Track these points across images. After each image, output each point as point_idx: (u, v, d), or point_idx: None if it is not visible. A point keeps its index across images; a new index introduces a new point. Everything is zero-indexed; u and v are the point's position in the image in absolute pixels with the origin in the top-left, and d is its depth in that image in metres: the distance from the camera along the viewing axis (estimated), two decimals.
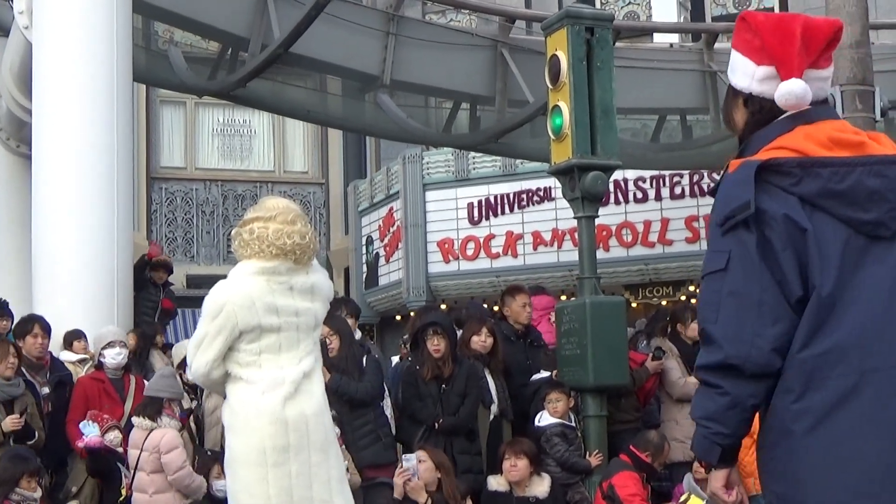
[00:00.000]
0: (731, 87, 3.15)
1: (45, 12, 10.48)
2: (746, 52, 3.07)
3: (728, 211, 2.80)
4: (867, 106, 10.68)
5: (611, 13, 12.46)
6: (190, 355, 5.25)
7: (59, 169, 10.30)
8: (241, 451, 5.14)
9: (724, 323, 2.76)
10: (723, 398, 2.77)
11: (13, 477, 7.27)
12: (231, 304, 5.08)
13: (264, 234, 5.19)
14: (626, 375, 9.25)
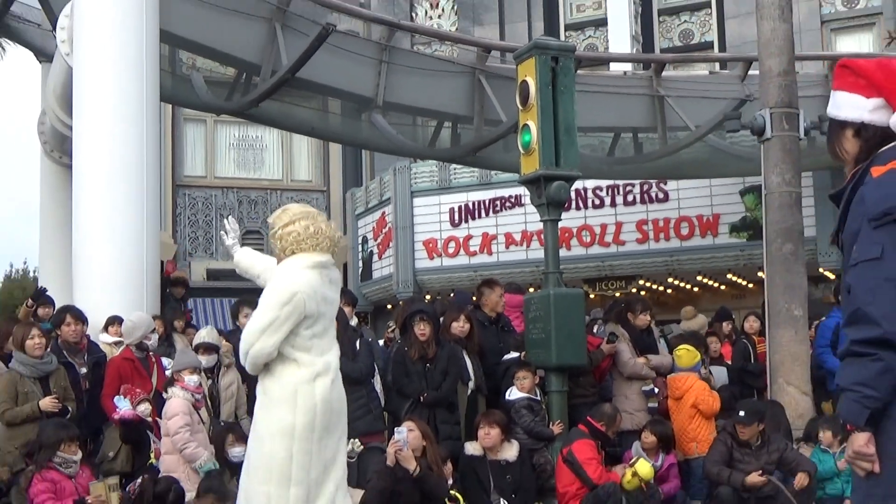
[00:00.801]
0: (839, 122, 3.13)
1: (84, 41, 10.47)
2: (854, 90, 3.06)
3: (884, 208, 2.80)
4: (793, 126, 10.73)
5: (573, 45, 12.47)
6: (253, 337, 5.10)
7: (95, 177, 10.30)
8: (290, 424, 5.08)
9: (882, 304, 2.74)
10: (877, 364, 2.73)
11: (56, 441, 7.27)
12: (301, 293, 5.09)
13: (319, 230, 5.29)
14: (584, 356, 9.33)
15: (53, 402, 7.92)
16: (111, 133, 10.29)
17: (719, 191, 16.84)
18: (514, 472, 8.25)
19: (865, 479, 2.85)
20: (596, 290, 17.58)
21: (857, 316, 2.80)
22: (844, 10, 19.61)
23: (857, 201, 2.93)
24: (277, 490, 5.01)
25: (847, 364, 2.84)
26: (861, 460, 2.81)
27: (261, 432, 5.19)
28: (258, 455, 5.16)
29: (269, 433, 5.12)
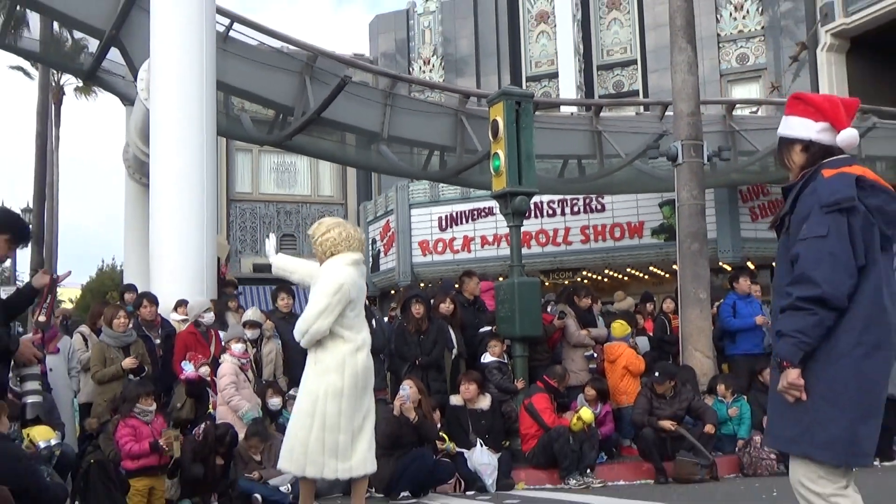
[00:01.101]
0: (790, 139, 3.17)
1: (158, 89, 10.44)
2: (805, 115, 3.13)
3: (834, 199, 2.87)
4: (699, 154, 10.76)
5: (532, 92, 12.52)
6: (312, 320, 5.23)
7: (167, 194, 10.27)
8: (333, 387, 5.22)
9: (824, 271, 2.81)
10: (813, 317, 2.80)
11: (136, 396, 7.24)
12: (345, 284, 5.24)
13: (349, 234, 5.44)
14: (540, 329, 9.33)
15: (133, 361, 7.97)
16: (179, 160, 10.26)
17: (643, 203, 16.87)
18: (487, 418, 8.27)
19: (794, 406, 2.87)
20: (549, 279, 17.60)
21: (804, 278, 2.85)
22: (738, 66, 19.67)
23: (810, 193, 2.98)
24: (331, 437, 5.15)
25: (789, 315, 2.87)
26: (793, 390, 2.84)
27: (316, 393, 5.23)
28: (314, 411, 5.21)
29: (324, 394, 5.20)
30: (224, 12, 11.71)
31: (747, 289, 10.35)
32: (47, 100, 23.30)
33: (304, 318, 5.32)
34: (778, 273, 3.14)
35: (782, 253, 3.10)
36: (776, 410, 3.02)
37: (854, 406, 2.85)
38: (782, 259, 3.10)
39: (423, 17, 22.18)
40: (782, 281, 3.05)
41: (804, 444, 2.87)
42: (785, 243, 3.08)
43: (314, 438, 5.17)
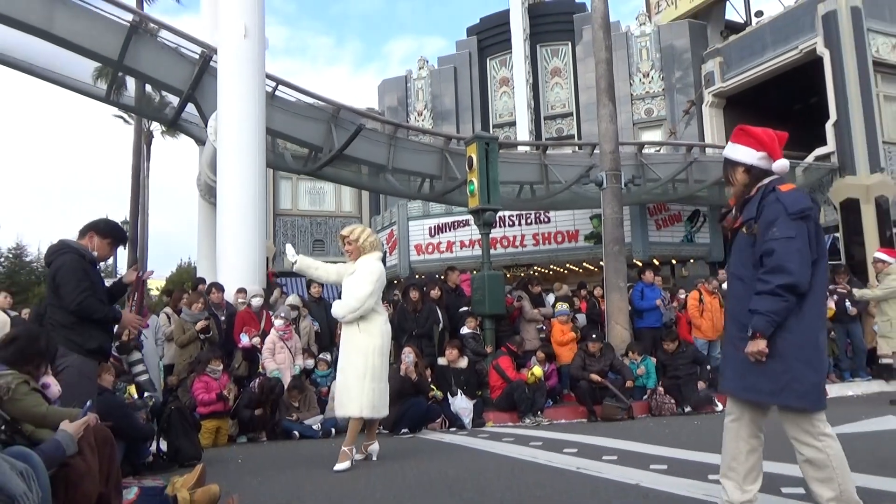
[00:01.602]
0: (734, 161, 3.05)
1: (223, 133, 10.32)
2: (748, 144, 3.03)
3: (800, 208, 2.82)
4: (618, 181, 10.75)
5: (497, 136, 12.47)
6: (363, 299, 5.11)
7: (230, 210, 10.14)
8: (377, 346, 5.16)
9: (794, 263, 2.74)
10: (785, 303, 2.76)
11: (208, 358, 7.18)
12: (382, 274, 5.29)
13: (377, 239, 5.44)
14: (503, 308, 9.30)
15: (203, 323, 7.98)
16: (239, 185, 10.13)
17: (578, 216, 16.85)
18: (465, 374, 8.23)
19: (772, 367, 2.81)
20: (510, 272, 17.50)
21: (779, 268, 2.78)
22: (645, 117, 19.69)
23: (773, 202, 2.87)
24: (379, 385, 5.14)
25: (765, 298, 2.78)
26: (760, 356, 2.79)
27: (366, 352, 5.11)
28: (364, 364, 5.08)
29: (371, 352, 5.12)
30: (271, 77, 11.60)
31: (651, 279, 10.37)
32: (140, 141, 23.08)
33: (355, 297, 5.13)
34: (735, 262, 3.03)
35: (742, 246, 2.99)
36: (749, 368, 2.88)
37: (818, 365, 2.82)
38: (740, 250, 3.00)
39: (418, 80, 22.11)
40: (740, 268, 2.97)
41: (786, 396, 2.80)
42: (747, 240, 2.95)
43: (367, 388, 5.06)
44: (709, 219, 17.51)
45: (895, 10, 16.53)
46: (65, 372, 3.82)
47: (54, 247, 4.23)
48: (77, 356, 3.97)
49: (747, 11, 21.16)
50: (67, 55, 11.13)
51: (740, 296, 2.94)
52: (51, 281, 4.14)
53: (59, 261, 4.09)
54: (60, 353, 3.85)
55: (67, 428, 2.92)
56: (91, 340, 4.07)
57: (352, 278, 5.25)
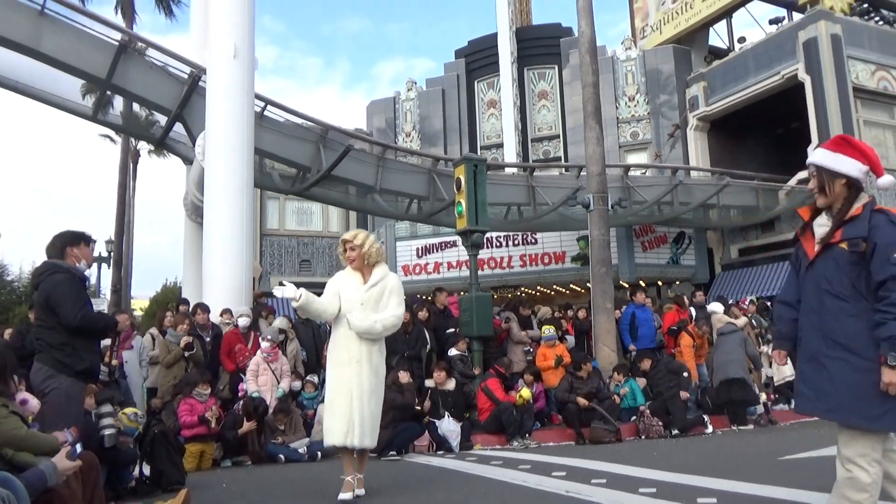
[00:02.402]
0: (835, 172, 2.84)
1: (211, 153, 10.31)
2: (852, 156, 2.84)
3: None
4: (605, 203, 10.85)
5: (485, 158, 12.54)
6: (401, 318, 4.66)
7: (216, 230, 10.10)
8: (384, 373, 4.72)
9: None
10: None
11: (195, 381, 7.09)
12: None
13: (382, 247, 4.84)
14: (492, 330, 9.28)
15: (187, 339, 7.90)
16: (226, 205, 10.10)
17: (565, 238, 16.95)
18: (453, 396, 8.17)
19: (880, 392, 2.62)
20: (497, 293, 17.53)
21: None
22: (631, 140, 19.92)
23: (886, 224, 2.72)
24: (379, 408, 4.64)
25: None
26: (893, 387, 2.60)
27: (384, 377, 4.68)
28: (381, 388, 4.61)
29: (384, 378, 4.70)
30: (260, 97, 11.64)
31: (643, 300, 10.41)
32: (127, 159, 22.98)
33: (396, 315, 4.55)
34: (829, 278, 2.81)
35: (840, 263, 2.79)
36: (854, 392, 2.69)
37: None
38: (837, 267, 2.79)
39: (406, 102, 22.24)
40: (836, 285, 2.78)
41: (889, 421, 2.66)
42: (846, 257, 2.77)
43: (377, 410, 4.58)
44: (694, 241, 17.68)
45: (874, 38, 16.95)
46: (52, 394, 3.77)
47: (42, 268, 4.19)
48: (66, 378, 3.92)
49: (730, 37, 21.59)
50: (54, 73, 11.11)
51: (835, 313, 2.77)
52: (43, 302, 4.07)
53: (52, 280, 4.05)
54: (48, 375, 3.79)
55: (58, 462, 2.87)
56: (81, 362, 4.02)
57: (375, 291, 4.53)
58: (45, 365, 3.91)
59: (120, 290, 21.96)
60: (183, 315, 8.47)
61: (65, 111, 12.72)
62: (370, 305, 4.48)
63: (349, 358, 4.43)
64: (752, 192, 16.44)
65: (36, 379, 3.94)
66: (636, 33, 22.00)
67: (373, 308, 4.48)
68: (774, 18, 20.51)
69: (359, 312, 4.43)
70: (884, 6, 20.15)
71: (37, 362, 4.04)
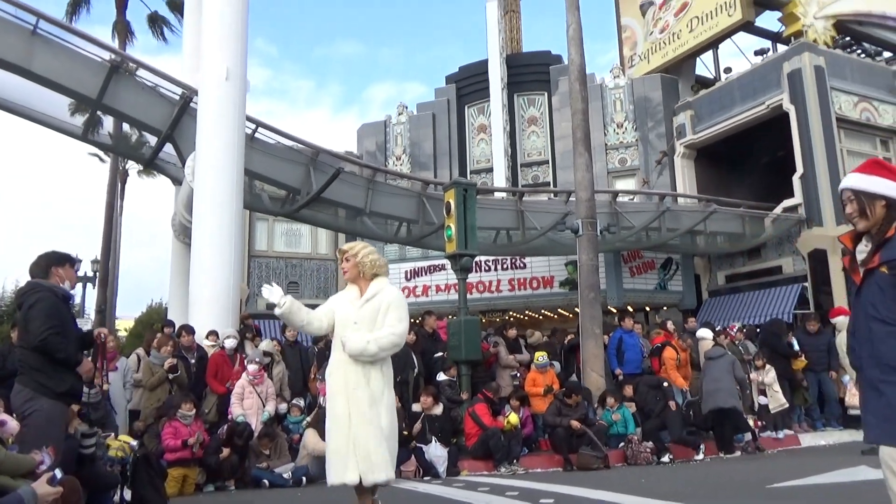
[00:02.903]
0: (874, 194, 2.79)
1: (201, 174, 10.31)
2: (889, 178, 2.78)
3: None
4: (594, 229, 10.91)
5: (474, 182, 12.59)
6: (403, 336, 4.02)
7: (204, 251, 10.06)
8: (392, 397, 4.09)
9: None
10: None
11: (179, 402, 7.00)
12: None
13: (384, 263, 4.24)
14: (480, 354, 9.23)
15: (171, 361, 7.82)
16: (214, 226, 10.08)
17: (554, 262, 17.01)
18: (440, 421, 8.11)
19: None
20: (485, 317, 17.53)
21: None
22: (619, 167, 20.11)
23: None
24: (394, 444, 4.01)
25: None
26: None
27: (391, 405, 3.98)
28: (391, 422, 3.92)
29: (392, 405, 4.02)
30: (251, 119, 11.68)
31: (631, 326, 10.43)
32: (115, 179, 22.88)
33: (396, 333, 3.94)
34: (875, 303, 2.75)
35: (883, 286, 2.72)
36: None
37: None
38: (881, 291, 2.73)
39: (397, 126, 22.39)
40: (882, 310, 2.71)
41: None
42: (888, 280, 2.70)
43: (392, 448, 3.93)
44: (681, 267, 17.79)
45: (856, 70, 17.33)
46: (33, 416, 3.71)
47: (25, 287, 4.17)
48: (46, 400, 3.85)
49: (716, 67, 21.99)
50: (44, 92, 11.10)
51: (883, 338, 2.73)
52: (22, 320, 4.05)
53: (32, 299, 4.01)
54: (28, 397, 3.73)
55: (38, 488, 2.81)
56: (62, 384, 3.96)
57: (370, 308, 4.00)
58: (25, 387, 3.85)
59: (104, 310, 21.71)
60: (166, 337, 8.39)
61: (54, 130, 12.70)
62: (365, 323, 3.96)
63: (344, 385, 3.90)
64: (738, 220, 16.61)
65: (16, 401, 3.88)
66: (624, 62, 22.35)
67: (368, 326, 3.95)
68: (760, 50, 20.94)
69: (352, 332, 3.92)
70: (865, 40, 20.63)
71: (17, 384, 3.97)
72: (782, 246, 16.63)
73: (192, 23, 13.64)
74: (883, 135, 17.54)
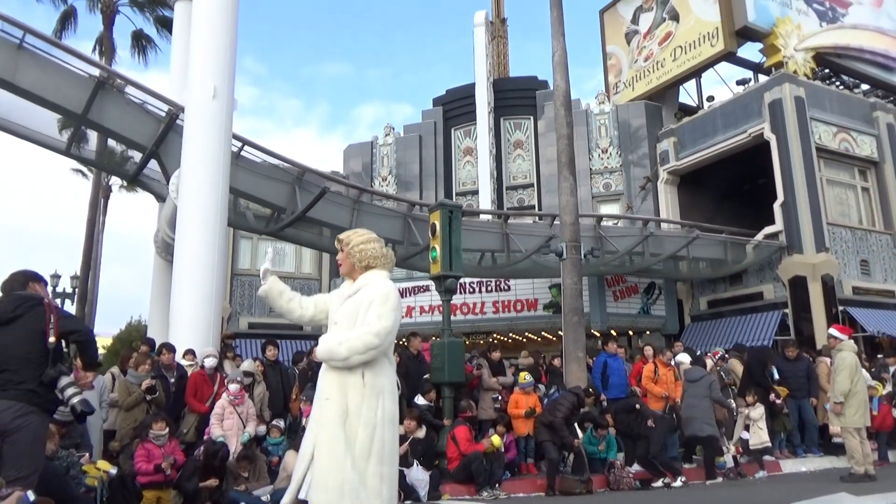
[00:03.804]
0: None
1: (185, 191, 10.23)
2: None
3: None
4: (577, 252, 10.98)
5: (460, 204, 12.64)
6: (381, 334, 3.24)
7: (187, 269, 9.94)
8: (388, 410, 3.30)
9: None
10: None
11: (150, 422, 6.88)
12: (400, 302, 3.49)
13: (388, 252, 3.62)
14: (463, 377, 9.16)
15: (149, 382, 7.67)
16: (197, 244, 9.97)
17: (538, 285, 17.04)
18: (422, 444, 8.01)
19: None
20: (469, 339, 17.45)
21: None
22: (604, 191, 20.30)
23: None
24: (389, 469, 3.25)
25: None
26: None
27: (374, 421, 3.21)
28: (371, 440, 3.19)
29: (381, 421, 3.24)
30: (238, 137, 11.64)
31: (614, 350, 10.44)
32: (98, 195, 22.68)
33: (372, 331, 3.23)
34: None
35: None
36: None
37: None
38: None
39: (383, 147, 22.48)
40: None
41: None
42: None
43: (372, 473, 3.17)
44: (664, 291, 17.90)
45: (835, 101, 17.72)
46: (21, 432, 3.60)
47: (22, 297, 4.02)
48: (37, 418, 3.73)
49: (699, 96, 22.38)
50: (27, 106, 11.01)
51: None
52: (31, 332, 3.88)
53: (39, 311, 3.94)
54: (21, 412, 3.62)
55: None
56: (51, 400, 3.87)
57: (351, 304, 3.40)
58: (16, 401, 3.70)
59: None
60: (144, 355, 8.25)
61: (37, 145, 12.59)
62: (345, 323, 3.35)
63: (318, 395, 3.32)
64: (720, 246, 16.79)
65: (5, 417, 3.67)
66: (609, 88, 22.69)
67: (348, 326, 3.33)
68: (742, 80, 21.38)
69: (331, 333, 3.36)
70: (843, 72, 21.14)
71: (4, 399, 3.73)
72: (763, 272, 16.81)
73: (181, 41, 13.66)
74: (861, 164, 17.91)
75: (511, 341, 18.53)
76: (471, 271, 14.47)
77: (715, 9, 19.07)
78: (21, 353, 3.84)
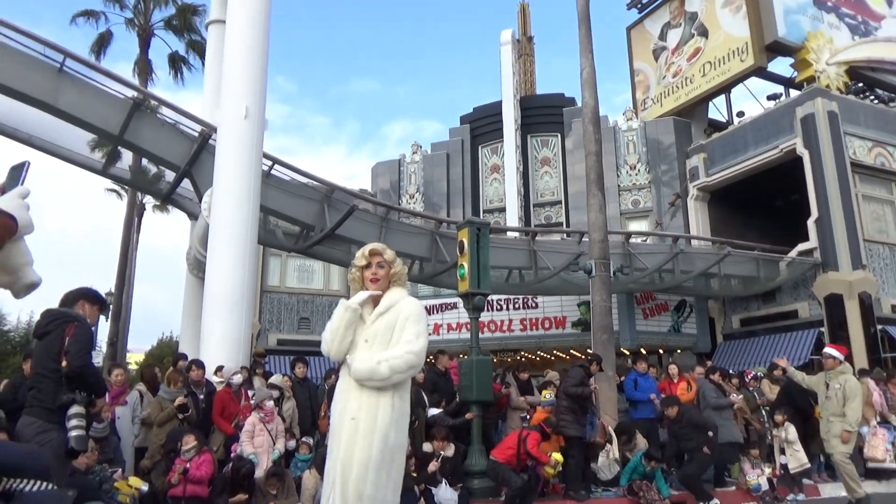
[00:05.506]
0: None
1: (217, 210, 10.40)
2: None
3: None
4: (607, 269, 10.86)
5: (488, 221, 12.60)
6: (421, 354, 3.11)
7: (218, 286, 10.07)
8: (406, 435, 3.19)
9: None
10: None
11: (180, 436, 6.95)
12: None
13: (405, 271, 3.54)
14: (491, 395, 9.06)
15: (181, 399, 7.70)
16: (228, 261, 10.12)
17: (566, 303, 16.90)
18: (451, 462, 7.94)
19: None
20: (497, 357, 17.38)
21: None
22: (632, 208, 20.15)
23: None
24: (395, 498, 3.08)
25: None
26: None
27: (402, 444, 3.14)
28: (392, 465, 3.06)
29: (400, 446, 3.12)
30: (268, 156, 11.84)
31: (645, 369, 10.26)
32: (132, 214, 23.19)
33: (412, 350, 3.12)
34: None
35: None
36: None
37: None
38: None
39: (411, 164, 22.63)
40: None
41: None
42: None
43: (391, 501, 3.05)
44: (695, 309, 17.60)
45: (869, 116, 17.37)
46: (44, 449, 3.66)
47: (56, 314, 4.10)
48: (57, 435, 3.79)
49: (729, 111, 22.15)
50: (65, 126, 11.33)
51: None
52: (49, 344, 3.94)
53: (65, 324, 3.99)
54: (42, 429, 3.68)
55: None
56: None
57: (384, 322, 3.23)
58: (38, 418, 3.79)
59: (116, 342, 21.74)
60: (177, 372, 8.33)
61: (74, 164, 12.91)
62: (377, 342, 3.20)
63: (341, 414, 3.14)
64: (752, 263, 16.49)
65: (27, 433, 3.77)
66: (637, 105, 22.58)
67: (381, 345, 3.19)
68: (772, 94, 21.10)
69: (363, 352, 3.18)
70: (878, 86, 20.74)
71: (27, 416, 3.86)
72: (798, 290, 16.44)
73: (214, 62, 13.97)
74: None
75: (539, 359, 18.38)
76: (498, 288, 14.45)
77: (744, 24, 18.91)
78: (44, 370, 3.93)
